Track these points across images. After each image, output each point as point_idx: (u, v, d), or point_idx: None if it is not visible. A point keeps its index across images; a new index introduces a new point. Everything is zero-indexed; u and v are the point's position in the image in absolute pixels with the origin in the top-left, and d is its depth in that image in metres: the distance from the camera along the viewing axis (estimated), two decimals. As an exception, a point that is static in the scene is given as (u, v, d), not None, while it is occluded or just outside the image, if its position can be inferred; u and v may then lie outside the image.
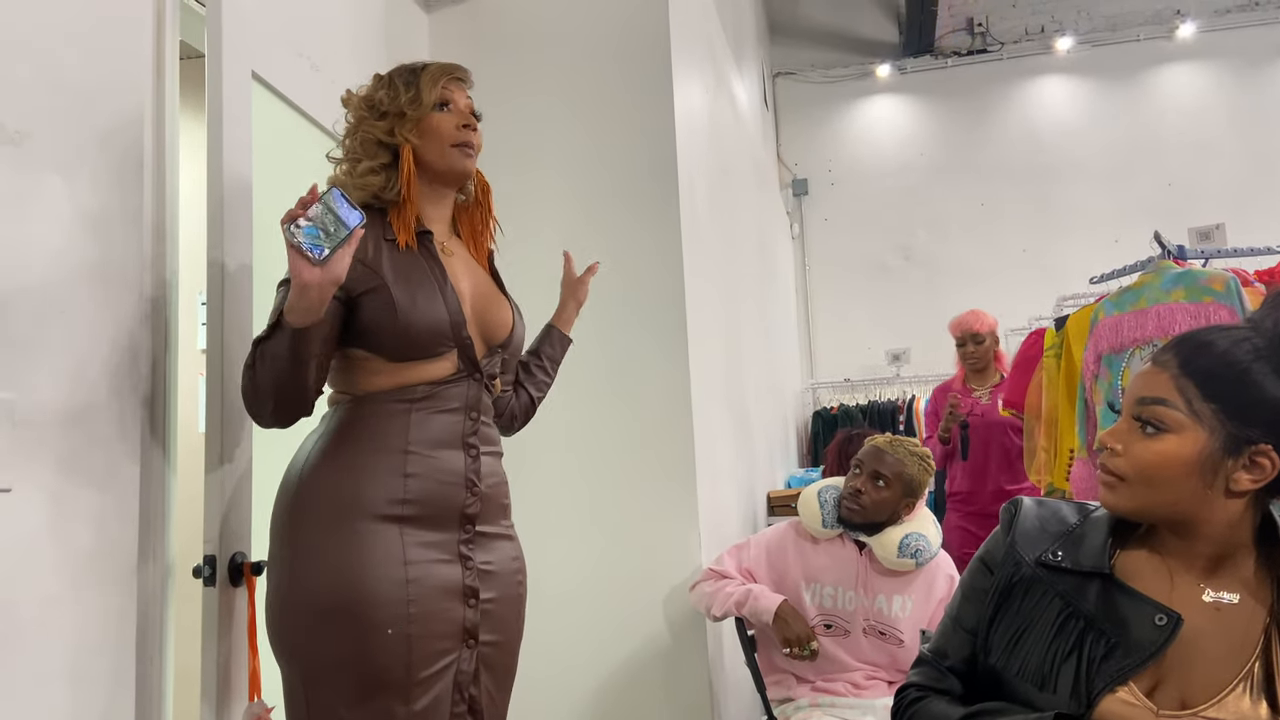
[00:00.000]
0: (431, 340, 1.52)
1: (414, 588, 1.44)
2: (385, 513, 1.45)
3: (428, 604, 1.45)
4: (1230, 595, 1.05)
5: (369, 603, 1.41)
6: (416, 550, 1.46)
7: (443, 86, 1.60)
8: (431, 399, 1.52)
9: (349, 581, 1.42)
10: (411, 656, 1.42)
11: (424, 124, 1.58)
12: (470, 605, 1.51)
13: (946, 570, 2.47)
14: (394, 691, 1.41)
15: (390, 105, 1.59)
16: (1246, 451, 1.03)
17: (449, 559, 1.50)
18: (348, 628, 1.41)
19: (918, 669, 1.21)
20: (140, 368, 1.59)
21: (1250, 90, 6.08)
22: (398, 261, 1.53)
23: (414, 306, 1.50)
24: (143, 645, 1.56)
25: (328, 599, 1.42)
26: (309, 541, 1.46)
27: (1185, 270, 3.20)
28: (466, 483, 1.53)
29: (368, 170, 1.58)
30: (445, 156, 1.59)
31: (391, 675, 1.41)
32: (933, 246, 6.33)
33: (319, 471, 1.48)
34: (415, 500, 1.47)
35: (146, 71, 1.67)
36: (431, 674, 1.44)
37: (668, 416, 2.69)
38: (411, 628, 1.42)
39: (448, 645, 1.47)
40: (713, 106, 3.61)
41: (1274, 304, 1.08)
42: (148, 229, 1.64)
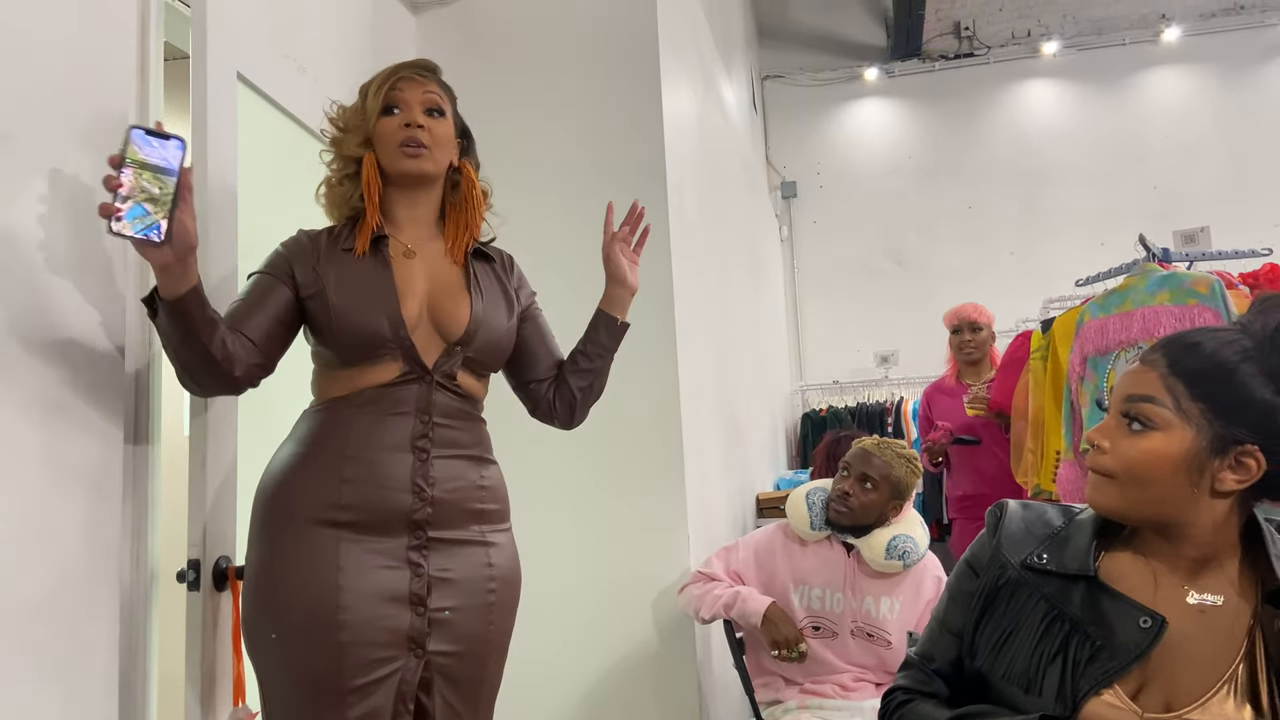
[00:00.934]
0: (368, 342, 1.52)
1: (345, 595, 1.42)
2: (322, 517, 1.45)
3: (362, 611, 1.42)
4: (1214, 597, 1.06)
5: (309, 609, 1.42)
6: (353, 557, 1.44)
7: (389, 90, 1.60)
8: (376, 402, 1.51)
9: (294, 587, 1.43)
10: (345, 664, 1.40)
11: (374, 132, 1.60)
12: (418, 613, 1.47)
13: (934, 572, 2.47)
14: (332, 697, 1.40)
15: (352, 120, 1.63)
16: (1233, 451, 1.03)
17: (394, 565, 1.47)
18: (294, 633, 1.42)
19: (904, 672, 1.21)
20: (124, 371, 1.57)
21: (1235, 94, 6.12)
22: (346, 268, 1.57)
23: (349, 310, 1.52)
24: (127, 650, 1.54)
25: (279, 604, 1.44)
26: (268, 547, 1.48)
27: (1170, 273, 3.22)
28: (413, 487, 1.49)
29: (336, 183, 1.63)
30: (394, 161, 1.60)
31: (328, 681, 1.40)
32: (921, 249, 6.34)
33: (281, 478, 1.51)
34: (351, 505, 1.46)
35: (130, 72, 1.66)
36: (369, 682, 1.42)
37: (657, 419, 2.69)
38: (343, 634, 1.41)
39: (390, 653, 1.44)
40: (701, 109, 3.62)
41: (1262, 307, 1.09)
42: (131, 231, 1.63)
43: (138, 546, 1.60)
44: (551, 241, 2.75)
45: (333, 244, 1.59)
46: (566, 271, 2.73)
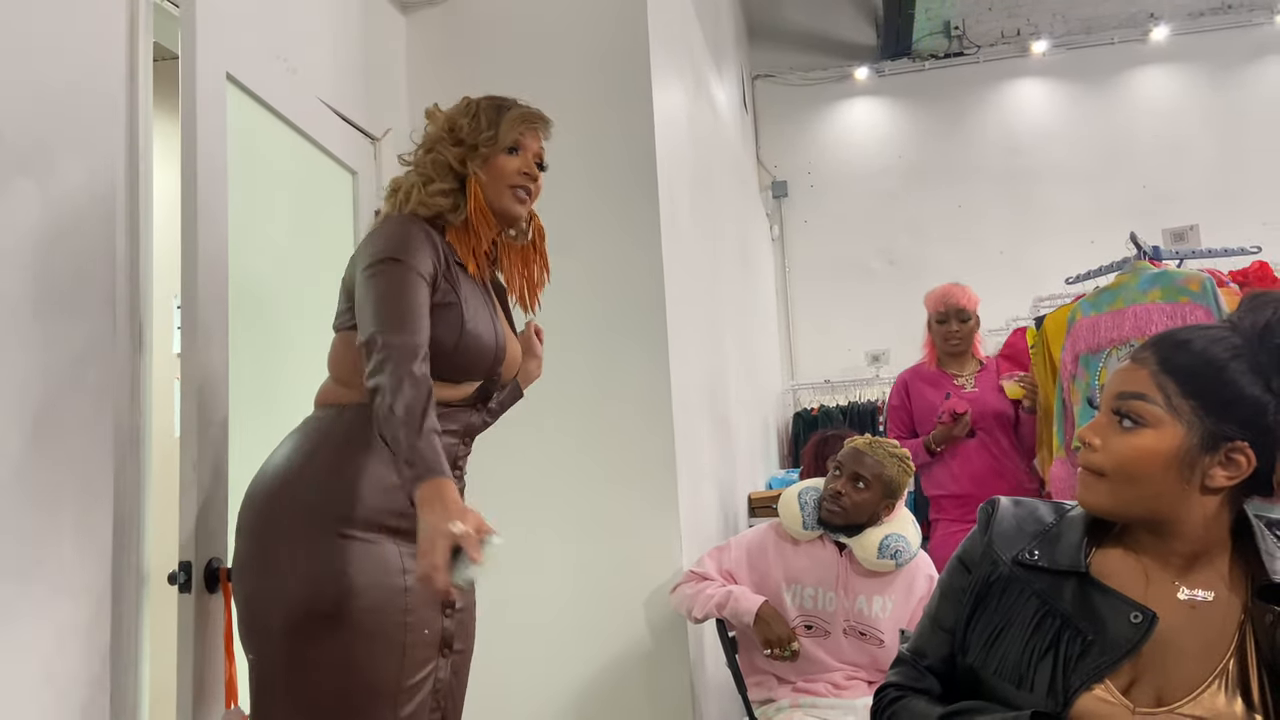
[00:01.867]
0: (475, 367, 1.57)
1: (410, 597, 1.46)
2: (384, 523, 1.47)
3: (420, 614, 1.48)
4: (1205, 593, 1.06)
5: (368, 610, 1.42)
6: (410, 561, 1.46)
7: (520, 131, 1.66)
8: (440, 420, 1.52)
9: (347, 587, 1.42)
10: (404, 664, 1.45)
11: (492, 162, 1.63)
12: (448, 615, 1.54)
13: (926, 570, 2.48)
14: (386, 699, 1.43)
15: (468, 135, 1.63)
16: (1223, 448, 1.04)
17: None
18: (341, 633, 1.41)
19: (897, 669, 1.21)
20: (113, 372, 1.57)
21: (1223, 92, 6.15)
22: (468, 287, 1.58)
23: (477, 332, 1.55)
24: (117, 652, 1.54)
25: (321, 602, 1.42)
26: (297, 543, 1.45)
27: (1161, 271, 3.23)
28: None
29: (438, 192, 1.61)
30: (501, 197, 1.64)
31: (384, 683, 1.43)
32: (911, 248, 6.36)
33: (311, 473, 1.48)
34: (412, 515, 1.45)
35: (120, 73, 1.66)
36: (416, 682, 1.47)
37: (648, 419, 2.69)
38: (406, 636, 1.45)
39: (430, 654, 1.50)
40: (692, 109, 3.62)
41: (1252, 304, 1.10)
42: (121, 231, 1.63)
43: (128, 548, 1.59)
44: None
45: (449, 253, 1.58)
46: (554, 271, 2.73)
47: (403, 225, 1.55)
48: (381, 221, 1.62)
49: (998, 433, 3.22)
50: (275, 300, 2.14)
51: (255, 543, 1.49)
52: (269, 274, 2.11)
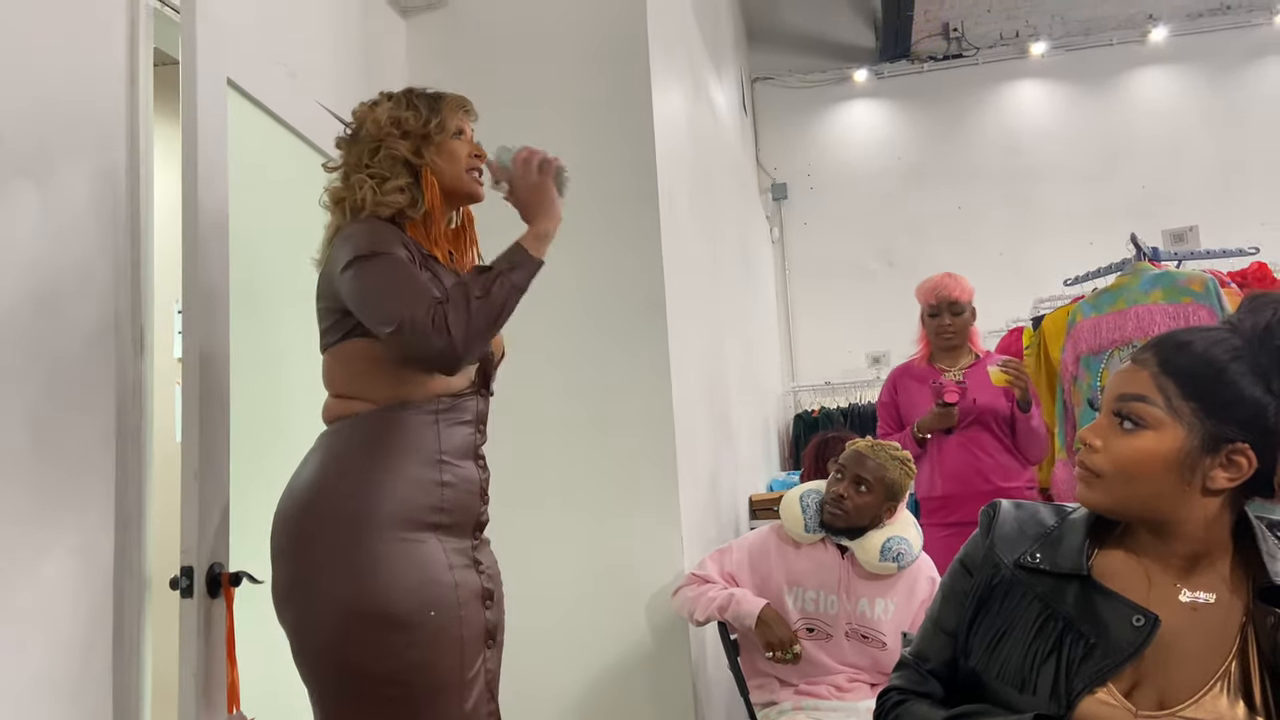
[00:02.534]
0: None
1: (461, 592, 1.49)
2: (425, 520, 1.49)
3: (469, 608, 1.51)
4: (1207, 595, 1.06)
5: (425, 608, 1.44)
6: (454, 556, 1.52)
7: (461, 117, 1.69)
8: (453, 411, 1.57)
9: (399, 589, 1.43)
10: (464, 658, 1.48)
11: (444, 148, 1.65)
12: (488, 607, 1.56)
13: (928, 573, 2.48)
14: (450, 695, 1.46)
15: (416, 126, 1.63)
16: (1224, 450, 1.04)
17: (469, 564, 1.56)
18: (403, 636, 1.43)
19: (899, 672, 1.21)
20: (114, 376, 1.57)
21: (1222, 93, 6.16)
22: (443, 275, 1.58)
23: None
24: (119, 657, 1.54)
25: (376, 608, 1.42)
26: (344, 553, 1.44)
27: (1163, 271, 3.24)
28: (481, 492, 1.60)
29: (394, 189, 1.60)
30: (461, 180, 1.67)
31: (450, 679, 1.46)
32: (911, 249, 6.36)
33: (347, 482, 1.48)
34: (450, 509, 1.52)
35: (120, 78, 1.66)
36: (474, 675, 1.50)
37: (649, 421, 2.69)
38: (464, 630, 1.48)
39: (479, 647, 1.53)
40: (692, 112, 3.62)
41: (1252, 306, 1.10)
42: (122, 235, 1.63)
43: (130, 553, 1.59)
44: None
45: (417, 248, 1.59)
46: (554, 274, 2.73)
47: (366, 226, 1.55)
48: (338, 232, 1.59)
49: (979, 431, 3.02)
50: (277, 304, 2.14)
51: (294, 565, 1.48)
52: (270, 278, 2.11)
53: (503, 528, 1.74)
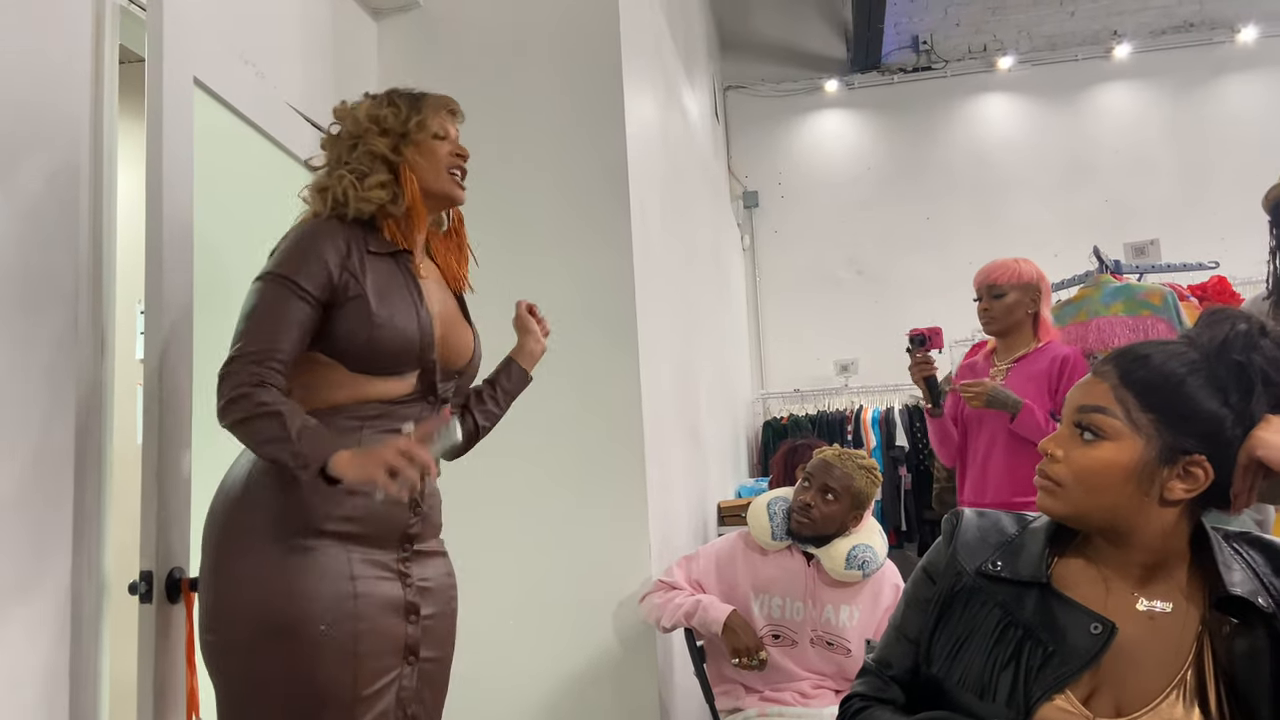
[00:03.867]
0: (399, 357, 1.53)
1: (361, 604, 1.44)
2: (331, 529, 1.45)
3: (373, 621, 1.45)
4: (1164, 604, 1.08)
5: (316, 620, 1.39)
6: (361, 567, 1.46)
7: (442, 116, 1.65)
8: (384, 418, 1.52)
9: (296, 598, 1.40)
10: (358, 674, 1.42)
11: (424, 146, 1.62)
12: (411, 622, 1.51)
13: (892, 580, 2.50)
14: (339, 710, 1.40)
15: (395, 124, 1.61)
16: (1181, 461, 1.05)
17: (390, 576, 1.50)
18: (294, 645, 1.39)
19: (862, 678, 1.22)
20: (75, 378, 1.54)
21: (1184, 109, 6.27)
22: (378, 274, 1.55)
23: (390, 320, 1.52)
24: (76, 663, 1.52)
25: (272, 615, 1.40)
26: (249, 555, 1.43)
27: (1124, 284, 3.29)
28: (411, 503, 1.53)
29: (376, 185, 1.58)
30: (440, 180, 1.63)
31: (338, 693, 1.40)
32: (880, 259, 6.42)
33: (263, 485, 1.46)
34: (359, 518, 1.47)
35: (85, 75, 1.64)
36: (375, 691, 1.44)
37: (619, 428, 2.69)
38: (359, 645, 1.42)
39: (391, 662, 1.47)
40: (664, 118, 3.63)
41: (1209, 320, 1.12)
42: (84, 236, 1.61)
43: (88, 557, 1.57)
44: (514, 252, 2.74)
45: (356, 241, 1.55)
46: (527, 285, 2.73)
47: (306, 235, 1.53)
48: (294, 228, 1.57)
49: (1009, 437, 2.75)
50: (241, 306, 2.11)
51: (209, 561, 1.47)
52: (235, 279, 2.08)
53: (470, 534, 1.73)
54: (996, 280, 2.88)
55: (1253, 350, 1.06)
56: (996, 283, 2.88)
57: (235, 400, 1.40)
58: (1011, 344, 2.90)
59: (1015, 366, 2.85)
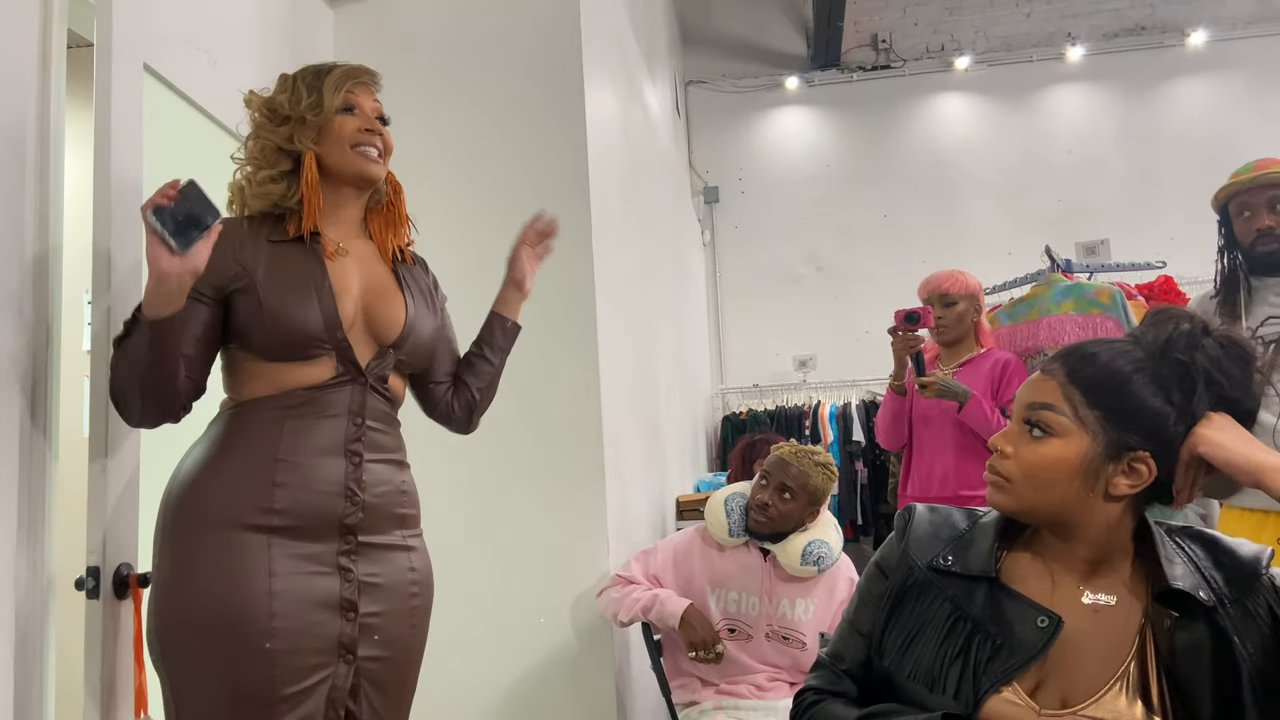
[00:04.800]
0: (302, 341, 1.49)
1: (279, 601, 1.39)
2: (254, 522, 1.41)
3: (295, 618, 1.40)
4: (1108, 597, 1.10)
5: (235, 616, 1.37)
6: (286, 562, 1.42)
7: (347, 91, 1.59)
8: (309, 404, 1.48)
9: (216, 594, 1.38)
10: (276, 672, 1.38)
11: (326, 129, 1.57)
12: (349, 619, 1.46)
13: (847, 574, 2.52)
14: (259, 708, 1.37)
15: (291, 110, 1.57)
16: (1126, 458, 1.08)
17: (325, 570, 1.46)
18: (215, 642, 1.37)
19: (815, 672, 1.23)
20: (18, 369, 1.51)
21: (1135, 111, 6.39)
22: (276, 262, 1.51)
23: (283, 306, 1.48)
24: (22, 661, 1.48)
25: (198, 612, 1.39)
26: (184, 553, 1.42)
27: (1075, 283, 3.35)
28: (346, 492, 1.48)
29: (267, 179, 1.55)
30: (347, 159, 1.57)
31: (256, 691, 1.37)
32: (839, 255, 6.47)
33: (196, 481, 1.45)
34: (284, 510, 1.43)
35: (31, 60, 1.60)
36: (300, 690, 1.40)
37: (577, 422, 2.69)
38: (275, 642, 1.38)
39: (321, 660, 1.43)
40: (625, 112, 3.63)
41: (1155, 320, 1.15)
42: (29, 225, 1.57)
43: (34, 552, 1.53)
44: (472, 243, 2.73)
45: (255, 232, 1.52)
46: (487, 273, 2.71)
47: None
48: None
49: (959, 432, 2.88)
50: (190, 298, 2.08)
51: (155, 554, 1.47)
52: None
53: (427, 528, 1.72)
54: (948, 290, 2.98)
55: (1195, 349, 1.09)
56: (949, 292, 2.98)
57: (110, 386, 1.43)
58: (956, 351, 3.02)
59: (960, 370, 2.97)
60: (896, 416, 3.05)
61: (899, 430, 3.05)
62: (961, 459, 2.88)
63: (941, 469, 2.92)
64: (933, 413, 2.95)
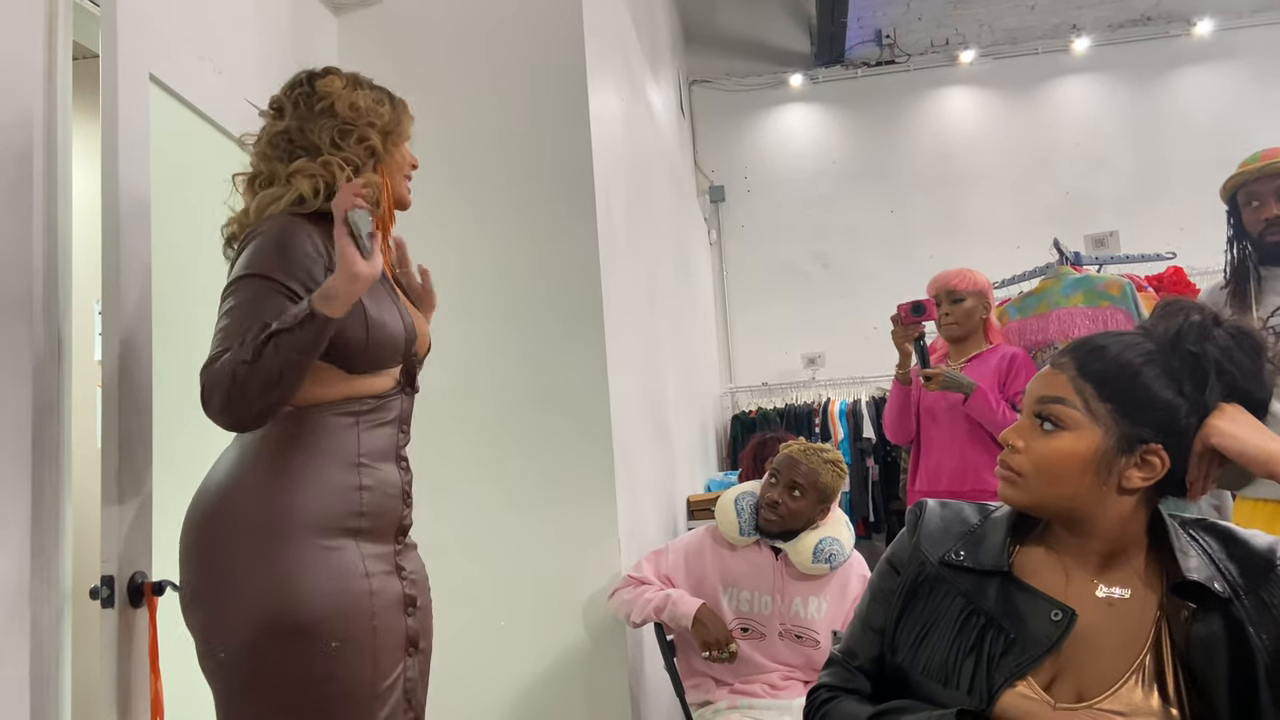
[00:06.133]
0: (391, 355, 1.54)
1: (377, 600, 1.45)
2: (343, 525, 1.44)
3: (387, 616, 1.46)
4: (1122, 590, 1.10)
5: (336, 617, 1.39)
6: (372, 563, 1.47)
7: (409, 121, 1.68)
8: (375, 412, 1.53)
9: (311, 597, 1.38)
10: (377, 669, 1.43)
11: (396, 151, 1.64)
12: (410, 614, 1.53)
13: (859, 571, 2.52)
14: (361, 706, 1.41)
15: (387, 123, 1.61)
16: (1138, 450, 1.07)
17: (391, 570, 1.51)
18: (310, 645, 1.37)
19: (828, 669, 1.23)
20: (29, 380, 1.52)
21: (1141, 102, 6.37)
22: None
23: (382, 321, 1.52)
24: (38, 671, 1.49)
25: (286, 616, 1.37)
26: (254, 558, 1.39)
27: (1084, 276, 3.33)
28: (403, 495, 1.56)
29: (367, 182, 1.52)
30: (399, 187, 1.65)
31: (358, 689, 1.41)
32: (845, 252, 6.46)
33: (259, 485, 1.42)
34: (370, 513, 1.48)
35: (37, 72, 1.61)
36: (389, 685, 1.46)
37: (587, 423, 2.69)
38: (377, 640, 1.43)
39: (399, 655, 1.49)
40: (629, 113, 3.63)
41: (1165, 311, 1.14)
42: (38, 235, 1.58)
43: (48, 562, 1.54)
44: (477, 248, 2.74)
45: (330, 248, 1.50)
46: (491, 278, 2.72)
47: (280, 231, 1.47)
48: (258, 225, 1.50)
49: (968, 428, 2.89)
50: (200, 304, 2.09)
51: (203, 568, 1.42)
52: (195, 278, 2.06)
53: (438, 530, 1.73)
54: (956, 286, 3.01)
55: (1206, 340, 1.08)
56: (957, 289, 3.01)
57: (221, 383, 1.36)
58: (964, 348, 3.04)
59: (967, 366, 2.99)
60: (903, 409, 3.06)
61: (906, 423, 3.07)
62: (969, 454, 2.89)
63: (950, 464, 2.93)
64: (940, 407, 2.96)
